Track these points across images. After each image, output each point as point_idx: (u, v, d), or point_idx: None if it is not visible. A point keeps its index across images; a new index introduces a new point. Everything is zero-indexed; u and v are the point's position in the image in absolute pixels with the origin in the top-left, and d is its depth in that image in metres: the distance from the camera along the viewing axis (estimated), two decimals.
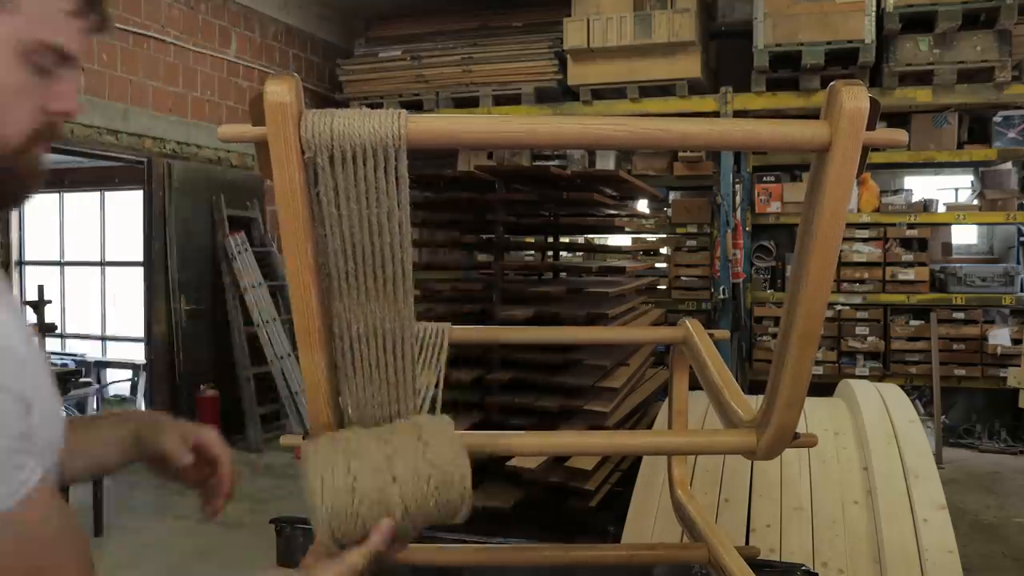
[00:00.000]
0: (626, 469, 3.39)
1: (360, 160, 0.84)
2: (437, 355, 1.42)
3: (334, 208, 0.87)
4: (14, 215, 8.10)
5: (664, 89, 6.13)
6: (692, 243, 6.82)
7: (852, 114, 0.81)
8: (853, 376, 5.92)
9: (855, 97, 0.81)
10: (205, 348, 6.25)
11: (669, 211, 6.92)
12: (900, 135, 0.84)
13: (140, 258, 6.24)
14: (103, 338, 8.81)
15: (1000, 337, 5.94)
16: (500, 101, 6.67)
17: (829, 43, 5.50)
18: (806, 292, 0.95)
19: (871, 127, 0.82)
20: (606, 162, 6.85)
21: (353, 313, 0.96)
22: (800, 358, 1.01)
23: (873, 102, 0.81)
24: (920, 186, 7.06)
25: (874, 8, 5.44)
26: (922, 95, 5.66)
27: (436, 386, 1.20)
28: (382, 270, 0.93)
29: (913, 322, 6.23)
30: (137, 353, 7.52)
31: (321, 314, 0.95)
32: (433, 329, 1.51)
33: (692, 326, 1.64)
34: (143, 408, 6.64)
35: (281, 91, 0.80)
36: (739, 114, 5.92)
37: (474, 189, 3.63)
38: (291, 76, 0.82)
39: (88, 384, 7.30)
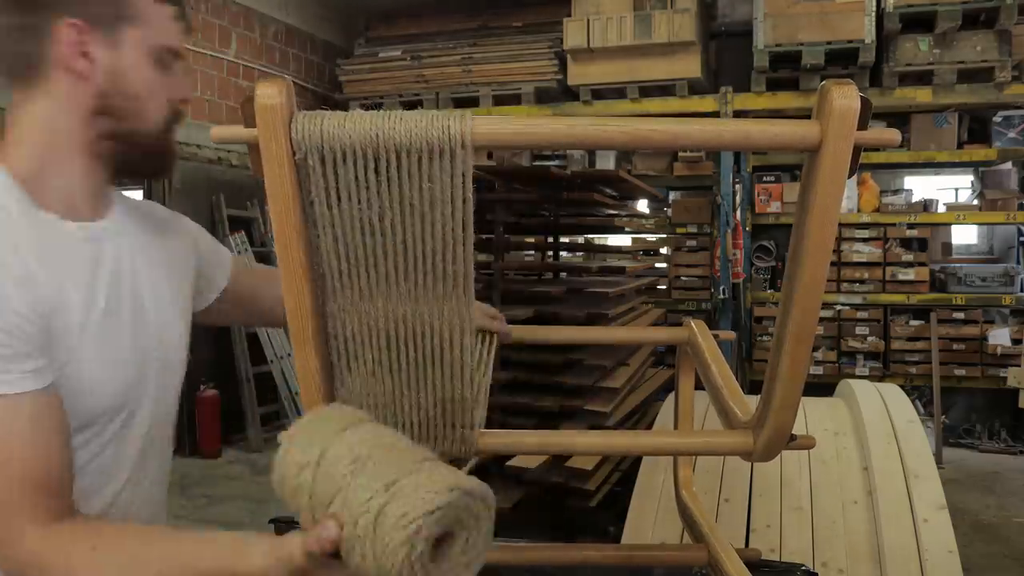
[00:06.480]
0: (626, 469, 3.39)
1: (350, 161, 0.84)
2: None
3: (326, 209, 0.87)
4: None
5: (664, 89, 6.12)
6: (692, 243, 6.80)
7: (843, 113, 0.81)
8: (853, 376, 5.91)
9: (845, 96, 0.80)
10: (205, 348, 6.25)
11: (669, 211, 6.91)
12: (892, 135, 0.84)
13: None
14: None
15: (1000, 337, 5.93)
16: (500, 101, 6.67)
17: (829, 43, 5.49)
18: (800, 292, 0.94)
19: (863, 126, 0.82)
20: (606, 162, 6.85)
21: (347, 313, 0.96)
22: (795, 359, 1.01)
23: (864, 101, 0.81)
24: (920, 186, 7.05)
25: (874, 8, 5.43)
26: (922, 95, 5.65)
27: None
28: (375, 270, 0.93)
29: (913, 322, 6.21)
30: None
31: (315, 314, 0.95)
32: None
33: (697, 327, 1.64)
34: None
35: (271, 93, 0.81)
36: (739, 114, 5.91)
37: (473, 188, 3.62)
38: (282, 79, 0.83)
39: None
